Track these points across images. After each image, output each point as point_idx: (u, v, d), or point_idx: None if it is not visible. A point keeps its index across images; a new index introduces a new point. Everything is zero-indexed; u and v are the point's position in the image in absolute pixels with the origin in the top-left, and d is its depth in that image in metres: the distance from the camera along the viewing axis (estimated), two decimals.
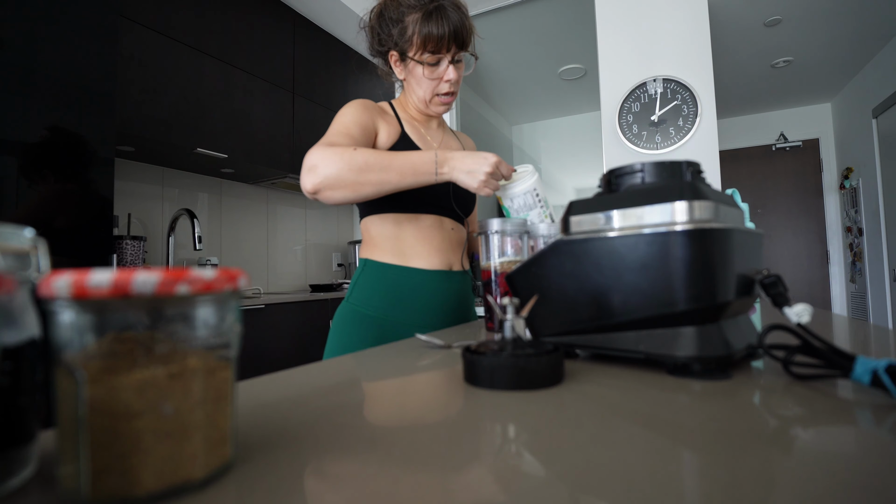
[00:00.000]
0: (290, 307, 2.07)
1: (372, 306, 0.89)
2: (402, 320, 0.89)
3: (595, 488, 0.20)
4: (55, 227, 1.31)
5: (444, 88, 0.91)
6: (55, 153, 1.32)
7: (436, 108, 0.95)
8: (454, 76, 0.90)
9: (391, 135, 0.92)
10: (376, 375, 0.48)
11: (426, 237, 0.92)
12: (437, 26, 0.84)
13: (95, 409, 0.19)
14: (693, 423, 0.29)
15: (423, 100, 0.94)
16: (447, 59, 0.89)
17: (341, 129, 0.83)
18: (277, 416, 0.32)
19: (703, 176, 0.48)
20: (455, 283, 0.95)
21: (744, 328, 0.46)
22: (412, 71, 0.91)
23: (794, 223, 4.32)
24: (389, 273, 0.90)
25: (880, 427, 0.28)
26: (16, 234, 0.23)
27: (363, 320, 0.88)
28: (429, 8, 0.85)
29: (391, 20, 0.89)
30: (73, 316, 0.19)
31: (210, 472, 0.22)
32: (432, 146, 0.97)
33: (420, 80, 0.91)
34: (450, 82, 0.91)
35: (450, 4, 0.86)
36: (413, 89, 0.94)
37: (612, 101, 2.46)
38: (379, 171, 0.74)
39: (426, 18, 0.85)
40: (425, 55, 0.87)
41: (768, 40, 3.12)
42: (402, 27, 0.87)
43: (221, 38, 2.07)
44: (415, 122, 0.99)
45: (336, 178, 0.73)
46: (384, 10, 0.90)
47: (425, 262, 0.91)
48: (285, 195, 2.80)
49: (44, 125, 1.30)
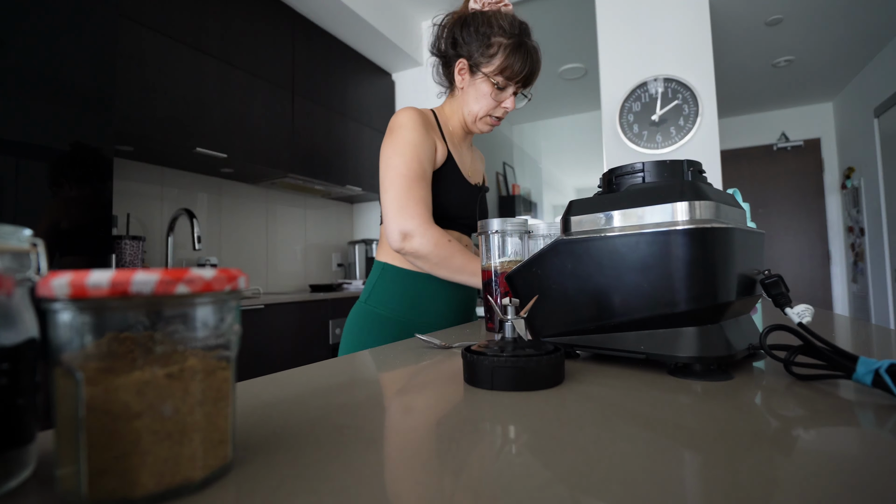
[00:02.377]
0: (289, 307, 2.07)
1: (391, 308, 0.94)
2: (418, 322, 0.95)
3: (595, 488, 0.20)
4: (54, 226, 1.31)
5: (499, 112, 0.97)
6: (54, 153, 1.32)
7: (481, 127, 0.99)
8: (511, 106, 0.96)
9: (440, 156, 0.96)
10: (376, 376, 0.48)
11: None
12: (523, 62, 0.91)
13: (94, 410, 0.19)
14: (694, 424, 0.28)
15: (474, 115, 0.97)
16: (513, 89, 0.94)
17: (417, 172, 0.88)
18: (277, 416, 0.32)
19: (705, 175, 0.48)
20: (464, 290, 1.01)
21: (745, 328, 0.46)
22: (477, 85, 0.95)
23: (796, 223, 4.32)
24: (408, 279, 0.96)
25: (882, 428, 0.28)
26: (15, 234, 0.23)
27: (382, 322, 0.94)
28: (520, 41, 0.91)
29: (478, 33, 0.92)
30: (71, 316, 0.19)
31: (209, 473, 0.21)
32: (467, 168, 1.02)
33: (481, 97, 0.95)
34: (506, 110, 0.96)
35: (532, 47, 0.93)
36: (468, 102, 0.97)
37: (612, 100, 2.45)
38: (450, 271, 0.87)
39: (516, 49, 0.90)
40: (499, 78, 0.92)
41: (769, 39, 3.12)
42: (487, 44, 0.91)
43: (221, 37, 2.07)
44: (455, 139, 1.02)
45: (424, 256, 0.86)
46: (472, 21, 0.94)
47: None
48: (285, 195, 2.80)
49: (43, 125, 1.30)
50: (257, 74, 2.24)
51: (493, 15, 0.92)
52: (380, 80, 3.16)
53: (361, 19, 2.61)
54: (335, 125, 2.72)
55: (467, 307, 1.03)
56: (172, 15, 1.86)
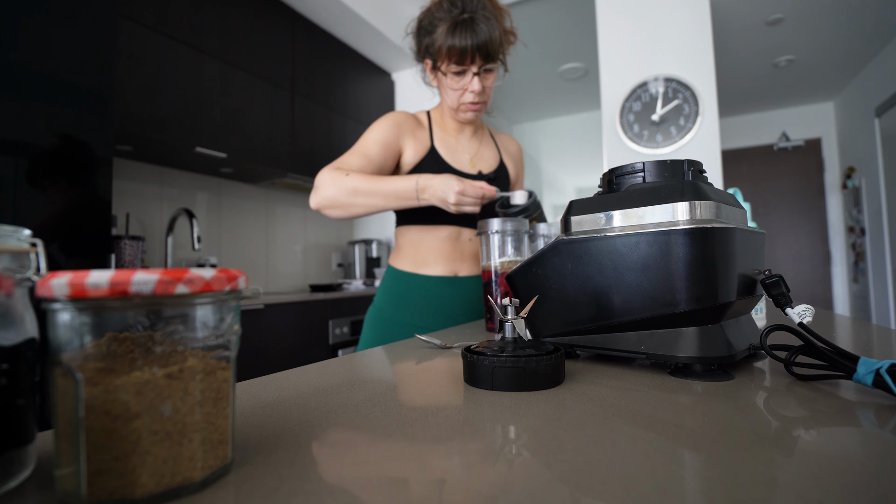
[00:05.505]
0: (289, 307, 2.07)
1: (387, 309, 0.97)
2: (411, 322, 0.95)
3: (595, 489, 0.20)
4: (53, 226, 1.31)
5: (468, 98, 0.94)
6: (53, 152, 1.32)
7: (463, 116, 0.99)
8: (478, 87, 0.92)
9: (419, 151, 0.96)
10: (376, 376, 0.48)
11: (440, 247, 0.99)
12: (461, 39, 0.87)
13: (94, 410, 0.19)
14: (694, 424, 0.28)
15: (451, 108, 0.98)
16: (472, 70, 0.91)
17: (360, 149, 0.92)
18: (277, 416, 0.32)
19: (705, 175, 0.48)
20: (461, 288, 1.00)
21: (746, 328, 0.46)
22: (442, 80, 0.95)
23: (796, 223, 4.31)
24: (402, 280, 0.98)
25: (883, 428, 0.28)
26: (14, 234, 0.23)
27: (380, 322, 0.97)
28: (457, 20, 0.87)
29: (425, 30, 0.93)
30: (71, 316, 0.19)
31: (209, 474, 0.21)
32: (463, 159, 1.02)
33: (448, 90, 0.95)
34: (474, 93, 0.93)
35: (482, 17, 0.87)
36: (443, 98, 0.99)
37: (612, 100, 2.45)
38: (365, 195, 0.85)
39: (451, 31, 0.88)
40: (451, 66, 0.90)
41: (770, 39, 3.11)
42: (433, 38, 0.91)
43: (221, 37, 2.07)
44: (448, 133, 1.02)
45: (332, 199, 0.85)
46: (421, 21, 0.94)
47: (433, 270, 0.98)
48: (285, 195, 2.80)
49: (42, 124, 1.30)
50: (257, 74, 2.24)
51: (432, 6, 0.92)
52: (379, 79, 3.16)
53: (361, 19, 2.61)
54: (335, 125, 2.72)
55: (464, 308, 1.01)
56: (172, 14, 1.86)
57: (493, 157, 1.07)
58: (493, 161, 1.06)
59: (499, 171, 1.06)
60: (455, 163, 0.99)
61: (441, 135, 1.00)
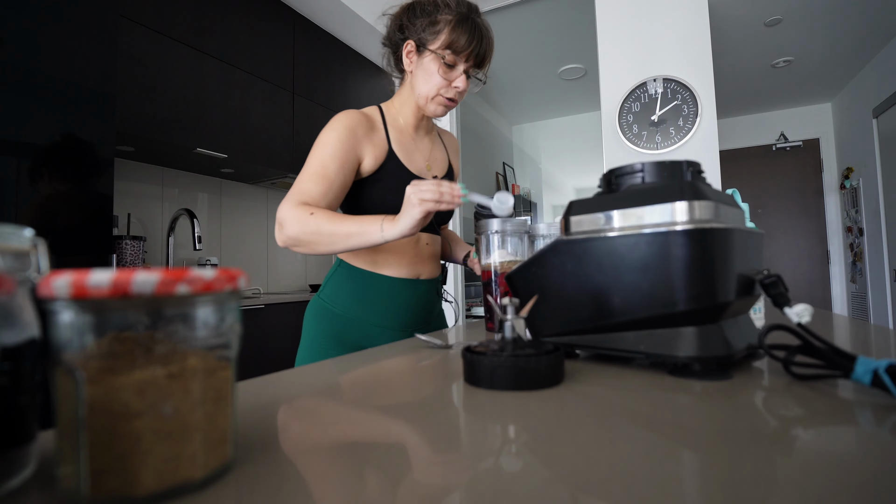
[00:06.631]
0: (290, 307, 2.07)
1: (339, 305, 0.95)
2: (365, 318, 0.94)
3: (595, 488, 0.20)
4: (55, 226, 1.31)
5: (450, 93, 0.94)
6: (55, 153, 1.32)
7: (434, 108, 0.96)
8: (463, 86, 0.92)
9: (378, 157, 0.93)
10: (376, 376, 0.48)
11: (399, 250, 0.96)
12: (470, 36, 0.88)
13: (95, 410, 0.19)
14: (693, 424, 0.28)
15: (425, 96, 0.94)
16: (463, 67, 0.91)
17: (318, 170, 0.87)
18: (277, 416, 0.32)
19: (704, 176, 0.48)
20: (420, 290, 0.99)
21: (744, 328, 0.46)
22: (425, 65, 0.92)
23: (795, 223, 4.32)
24: (359, 277, 0.95)
25: (881, 427, 0.28)
26: (15, 234, 0.23)
27: (330, 316, 0.94)
28: (466, 15, 0.89)
29: (423, 11, 0.91)
30: (72, 316, 0.19)
31: (210, 473, 0.21)
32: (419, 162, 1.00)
33: (430, 76, 0.92)
34: (457, 90, 0.93)
35: (482, 25, 0.91)
36: (418, 84, 0.95)
37: (612, 100, 2.45)
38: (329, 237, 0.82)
39: (461, 23, 0.88)
40: (446, 52, 0.90)
41: (769, 40, 3.12)
42: (432, 20, 0.90)
43: (221, 38, 2.07)
44: (403, 133, 1.00)
45: (296, 239, 0.83)
46: (417, 4, 0.93)
47: (394, 272, 0.96)
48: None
49: (44, 125, 1.30)
50: (257, 74, 2.24)
51: None
52: (379, 79, 3.16)
53: (361, 19, 2.61)
54: None
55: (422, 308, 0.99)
56: (173, 15, 1.86)
57: (443, 158, 1.08)
58: (443, 163, 1.07)
59: (448, 172, 1.07)
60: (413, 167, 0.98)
61: (397, 135, 0.98)
